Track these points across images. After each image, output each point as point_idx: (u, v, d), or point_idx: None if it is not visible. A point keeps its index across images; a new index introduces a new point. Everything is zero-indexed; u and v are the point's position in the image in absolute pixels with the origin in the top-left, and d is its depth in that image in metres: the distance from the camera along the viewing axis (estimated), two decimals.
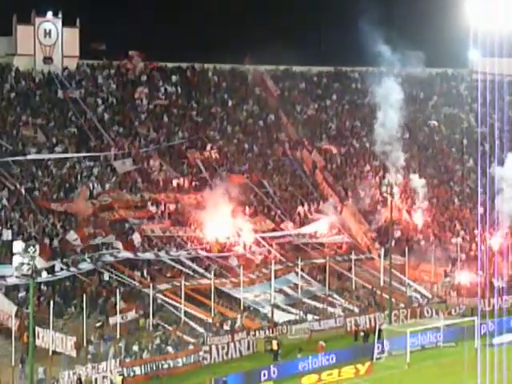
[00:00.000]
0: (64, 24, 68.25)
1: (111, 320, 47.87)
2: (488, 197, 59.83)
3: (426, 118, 78.21)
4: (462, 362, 44.16)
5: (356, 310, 54.68)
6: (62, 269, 50.34)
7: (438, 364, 47.38)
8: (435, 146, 75.35)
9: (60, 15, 68.21)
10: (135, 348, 45.68)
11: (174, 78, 72.89)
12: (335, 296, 55.50)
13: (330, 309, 54.01)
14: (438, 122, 77.76)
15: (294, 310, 53.03)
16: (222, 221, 58.39)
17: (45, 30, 67.82)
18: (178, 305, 50.13)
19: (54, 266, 49.96)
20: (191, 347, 47.14)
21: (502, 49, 63.50)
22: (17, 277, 45.34)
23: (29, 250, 36.83)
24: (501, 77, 69.56)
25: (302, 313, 52.80)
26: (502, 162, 64.17)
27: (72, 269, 50.60)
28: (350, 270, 57.75)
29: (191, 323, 49.39)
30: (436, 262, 59.99)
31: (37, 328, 43.36)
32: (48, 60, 67.92)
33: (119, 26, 70.83)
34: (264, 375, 44.22)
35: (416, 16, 71.15)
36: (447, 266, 60.99)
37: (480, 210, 59.68)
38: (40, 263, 38.69)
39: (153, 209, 59.24)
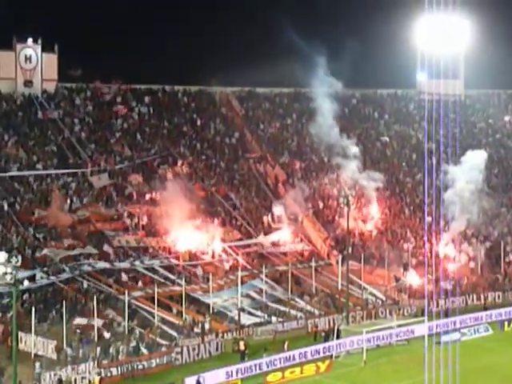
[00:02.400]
0: (43, 50, 68.28)
1: (90, 324, 47.67)
2: (435, 206, 60.53)
3: (378, 134, 78.98)
4: (413, 358, 44.62)
5: (316, 312, 55.00)
6: (42, 277, 50.15)
7: (392, 361, 47.80)
8: (387, 160, 76.09)
9: (40, 42, 68.22)
10: (112, 350, 45.62)
11: (146, 99, 73.05)
12: (297, 300, 55.79)
13: (293, 311, 54.33)
14: (390, 138, 78.59)
15: (259, 313, 53.23)
16: (192, 231, 58.45)
17: (25, 56, 67.76)
18: (151, 310, 50.05)
19: (35, 275, 49.76)
20: (164, 349, 47.17)
21: (447, 71, 64.47)
22: (0, 285, 45.01)
23: (11, 260, 36.71)
24: (446, 97, 70.82)
25: (266, 315, 53.02)
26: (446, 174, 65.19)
27: (52, 277, 50.41)
28: (310, 275, 58.07)
29: (164, 327, 49.37)
30: (389, 267, 60.54)
31: (20, 333, 43.14)
32: (28, 83, 67.84)
33: (95, 51, 71.07)
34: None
35: (367, 41, 72.10)
36: (399, 270, 61.56)
37: (428, 218, 60.38)
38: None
39: (127, 221, 59.19)
